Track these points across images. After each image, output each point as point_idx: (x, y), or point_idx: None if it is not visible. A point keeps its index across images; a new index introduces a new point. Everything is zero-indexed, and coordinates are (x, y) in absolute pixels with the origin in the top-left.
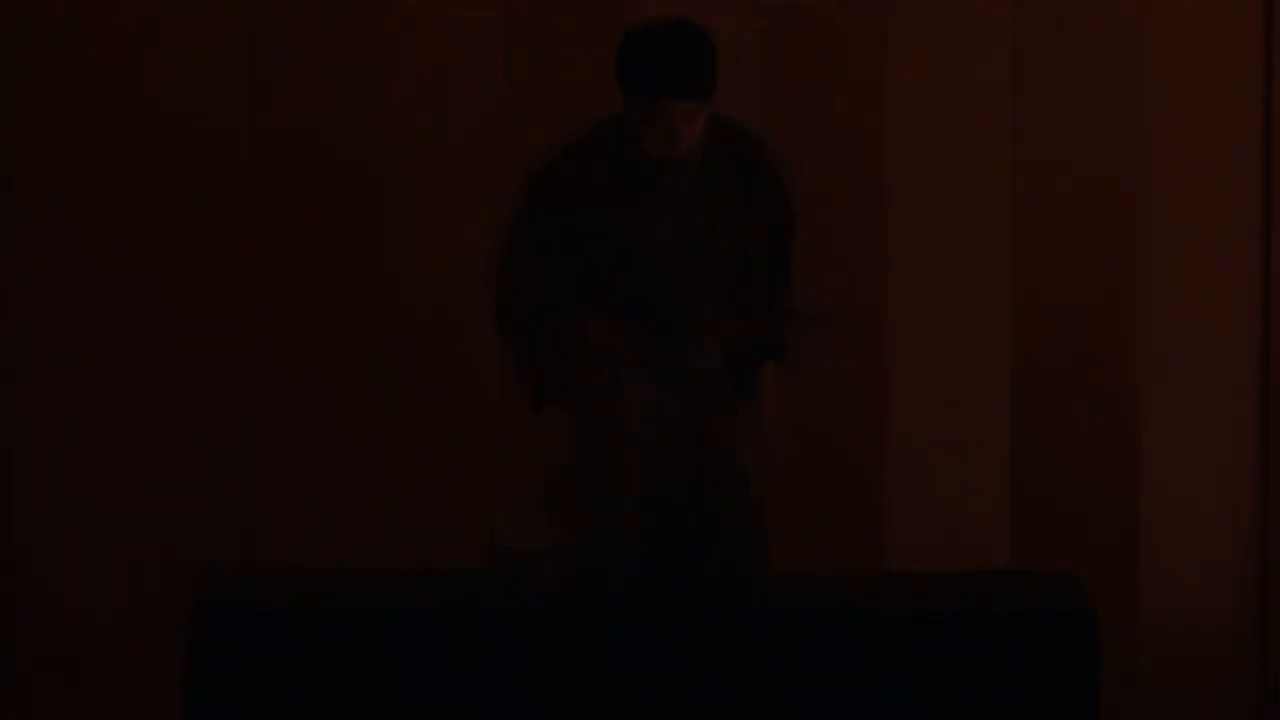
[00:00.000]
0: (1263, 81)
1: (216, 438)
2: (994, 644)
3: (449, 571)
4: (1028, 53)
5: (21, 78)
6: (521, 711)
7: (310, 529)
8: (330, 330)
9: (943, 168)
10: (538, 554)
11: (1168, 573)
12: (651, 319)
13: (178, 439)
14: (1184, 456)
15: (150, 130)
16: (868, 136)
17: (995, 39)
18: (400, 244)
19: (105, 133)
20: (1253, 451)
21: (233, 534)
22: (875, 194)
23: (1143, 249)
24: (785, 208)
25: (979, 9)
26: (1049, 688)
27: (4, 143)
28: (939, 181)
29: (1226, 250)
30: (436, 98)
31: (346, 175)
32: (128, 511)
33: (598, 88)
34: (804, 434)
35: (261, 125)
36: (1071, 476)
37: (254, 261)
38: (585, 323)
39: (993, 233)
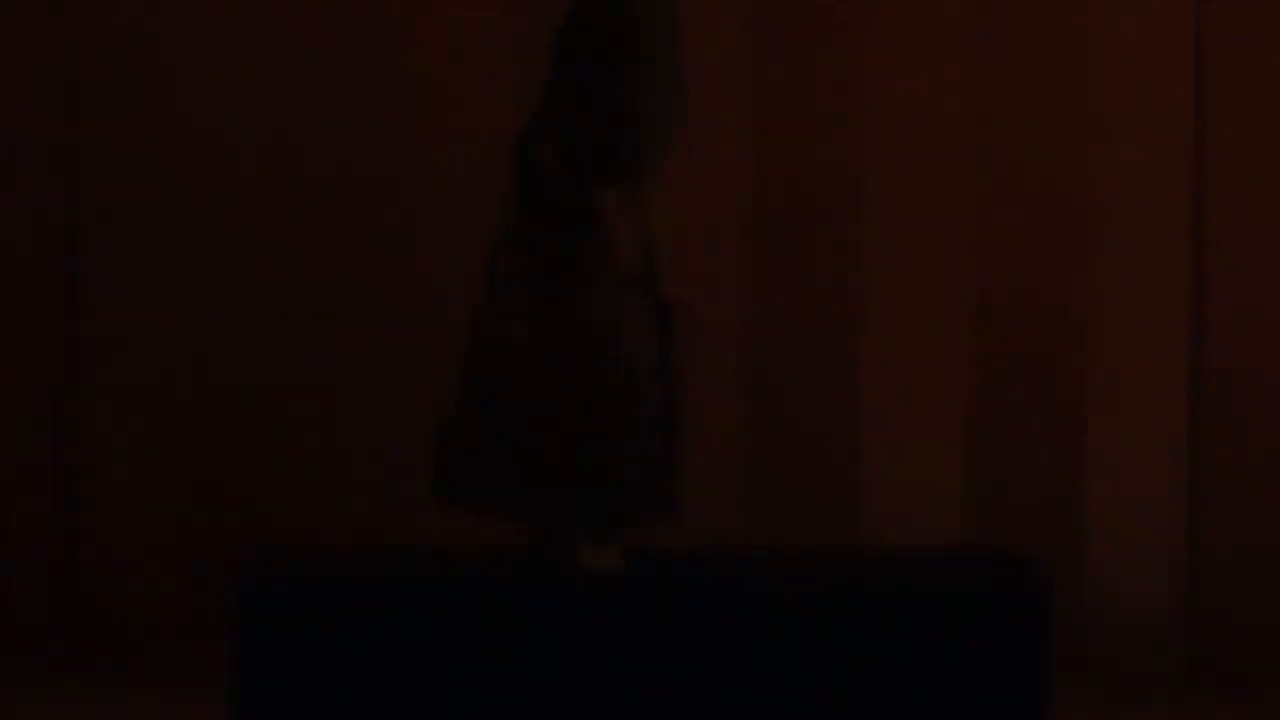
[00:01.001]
0: (1193, 118)
1: (260, 419)
2: (952, 616)
3: (472, 547)
4: (991, 80)
5: (88, 96)
6: (536, 678)
7: (345, 505)
8: (363, 322)
9: (913, 182)
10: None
11: (1110, 549)
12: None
13: (227, 422)
14: (1124, 444)
15: (197, 143)
16: (847, 152)
17: (961, 57)
18: (424, 246)
19: (168, 152)
20: (1183, 440)
21: (275, 509)
22: (854, 206)
23: (1089, 258)
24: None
25: (948, 24)
26: (1004, 655)
27: (78, 161)
28: (909, 194)
29: (1161, 262)
30: (454, 103)
31: (373, 182)
32: (183, 490)
33: None
34: (782, 425)
35: (293, 134)
36: (1024, 463)
37: (296, 263)
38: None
39: (957, 240)
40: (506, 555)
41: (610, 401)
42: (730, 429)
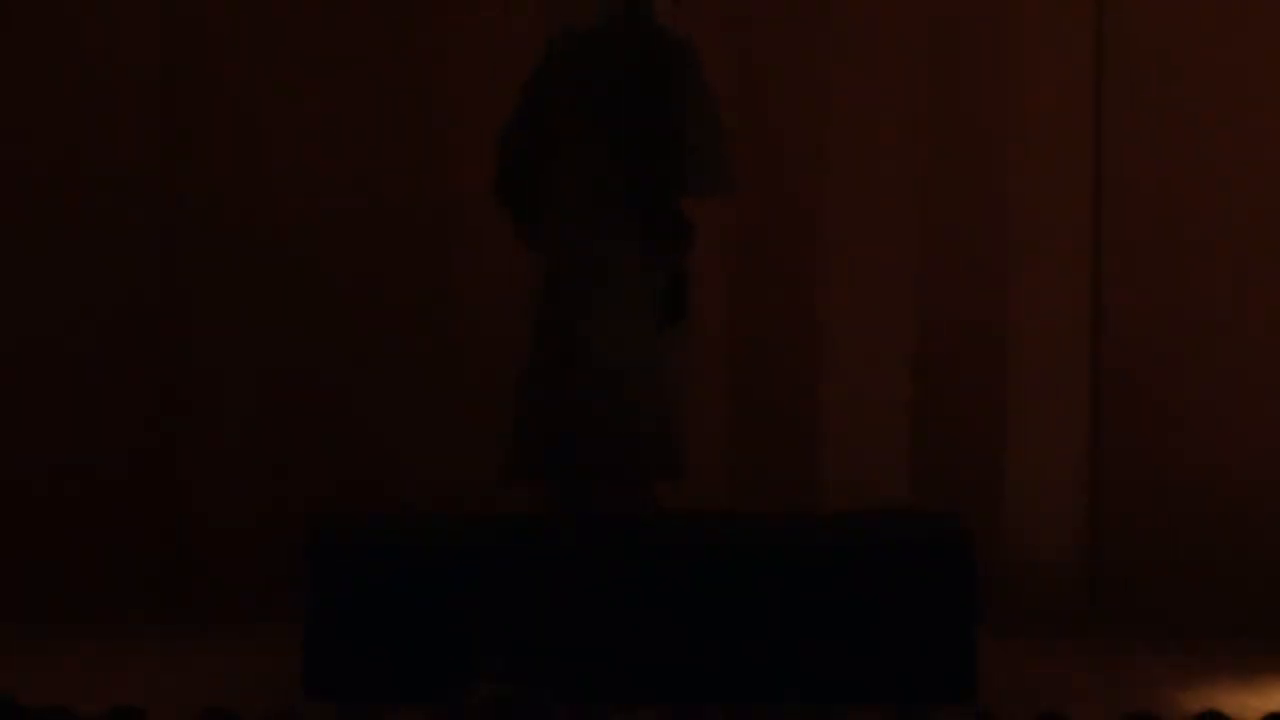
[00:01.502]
0: (1091, 171)
1: (330, 401)
2: (896, 562)
3: (491, 514)
4: (930, 144)
5: (186, 131)
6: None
7: (399, 477)
8: (415, 327)
9: (865, 216)
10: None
11: (1025, 511)
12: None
13: (303, 408)
14: (1037, 429)
15: (276, 176)
16: (811, 197)
17: (907, 123)
18: (466, 259)
19: (254, 184)
20: (1085, 424)
21: (341, 480)
22: (815, 236)
23: (1008, 277)
24: None
25: (894, 92)
26: (937, 594)
27: (177, 188)
28: (861, 226)
29: (1066, 285)
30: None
31: (428, 212)
32: (267, 467)
33: None
34: (757, 414)
35: (354, 169)
36: (955, 443)
37: (364, 283)
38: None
39: (900, 264)
40: (527, 518)
41: (674, 383)
42: (714, 419)
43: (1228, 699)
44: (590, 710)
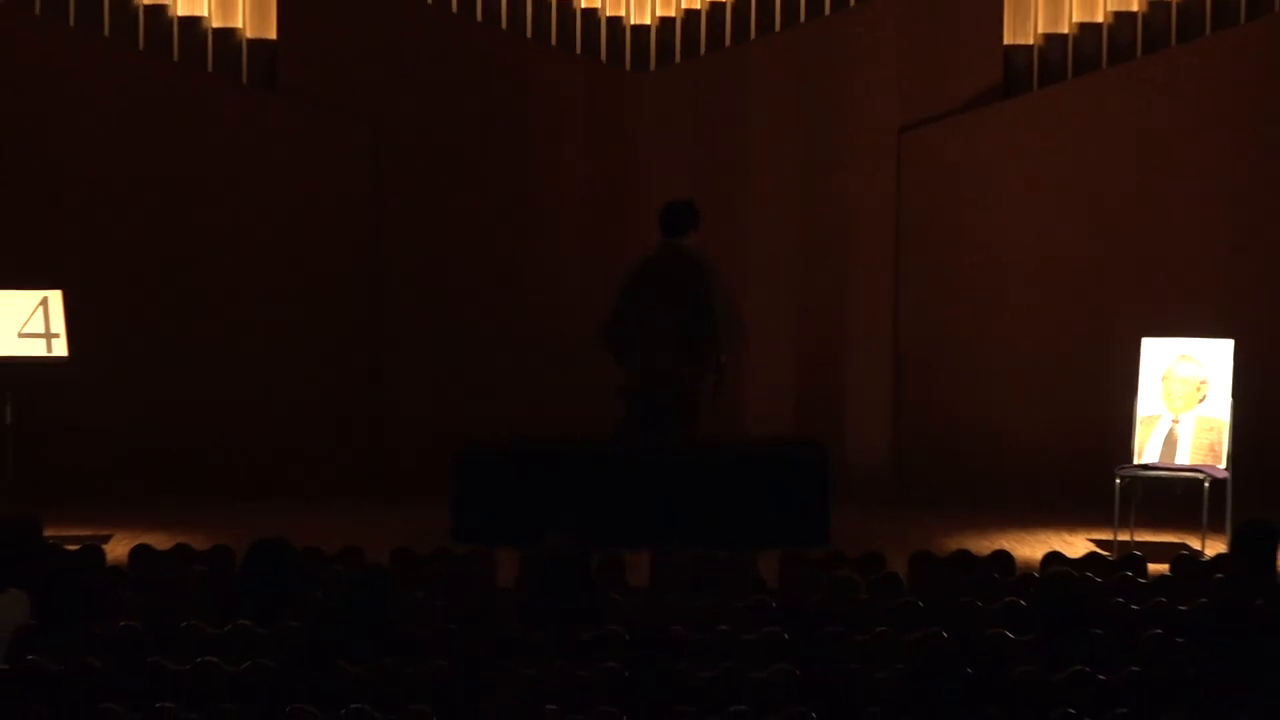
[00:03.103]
0: (893, 241)
1: (487, 362)
2: (781, 468)
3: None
4: (807, 222)
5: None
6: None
7: (524, 414)
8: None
9: (765, 255)
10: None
11: (857, 434)
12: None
13: (471, 365)
14: (864, 385)
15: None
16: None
17: (792, 208)
18: (541, 263)
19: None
20: (892, 382)
21: (488, 413)
22: (743, 269)
23: (848, 294)
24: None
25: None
26: (804, 489)
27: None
28: (767, 261)
29: (878, 300)
30: (558, 194)
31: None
32: (443, 396)
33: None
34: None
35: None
36: (818, 395)
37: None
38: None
39: (787, 294)
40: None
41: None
42: None
43: (973, 544)
44: (611, 551)
